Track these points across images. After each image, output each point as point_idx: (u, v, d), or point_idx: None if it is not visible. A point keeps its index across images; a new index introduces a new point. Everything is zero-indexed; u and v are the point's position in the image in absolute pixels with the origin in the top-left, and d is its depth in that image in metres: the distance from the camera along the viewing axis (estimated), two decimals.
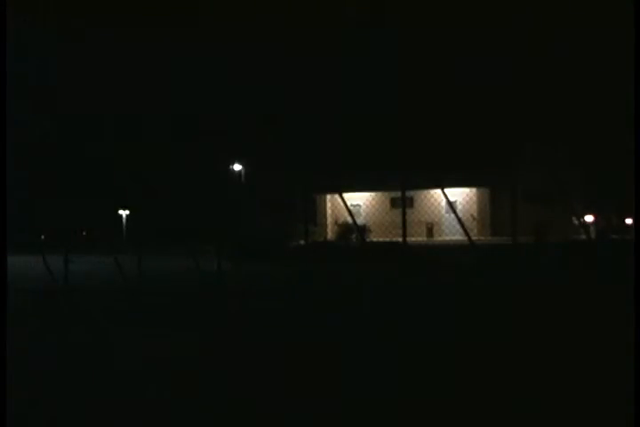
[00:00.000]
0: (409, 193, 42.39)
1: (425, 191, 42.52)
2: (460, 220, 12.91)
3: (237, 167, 46.22)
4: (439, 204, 43.56)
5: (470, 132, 40.66)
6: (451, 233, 36.15)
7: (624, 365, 6.33)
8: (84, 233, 49.48)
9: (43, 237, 49.42)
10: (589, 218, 43.76)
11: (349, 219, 37.90)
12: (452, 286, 13.88)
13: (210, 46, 47.10)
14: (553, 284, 13.77)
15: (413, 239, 29.10)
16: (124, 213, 55.07)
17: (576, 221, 43.29)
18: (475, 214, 42.14)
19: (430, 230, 39.72)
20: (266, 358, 7.39)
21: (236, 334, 8.94)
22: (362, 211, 44.72)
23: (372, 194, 44.42)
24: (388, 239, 22.57)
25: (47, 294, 13.56)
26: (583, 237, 38.16)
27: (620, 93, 33.34)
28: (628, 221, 39.78)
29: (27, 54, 43.00)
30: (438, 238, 40.67)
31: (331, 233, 43.03)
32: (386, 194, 41.67)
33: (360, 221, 37.52)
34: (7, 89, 10.16)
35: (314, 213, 45.74)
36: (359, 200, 45.46)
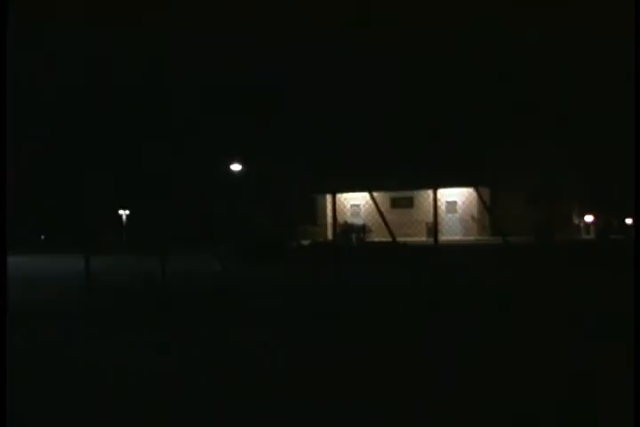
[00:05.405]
0: (409, 193, 42.29)
1: (425, 191, 42.49)
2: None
3: (237, 167, 46.15)
4: (439, 203, 43.45)
5: (470, 132, 40.64)
6: (448, 233, 36.09)
7: (624, 364, 6.33)
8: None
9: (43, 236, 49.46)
10: (589, 218, 43.74)
11: (349, 219, 37.95)
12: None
13: (209, 45, 47.08)
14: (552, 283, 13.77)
15: (413, 239, 29.04)
16: (123, 212, 55.03)
17: (576, 221, 43.39)
18: (474, 215, 42.12)
19: (430, 230, 39.67)
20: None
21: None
22: (362, 211, 44.69)
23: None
24: (387, 239, 22.44)
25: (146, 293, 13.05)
26: (584, 236, 38.06)
27: (621, 93, 33.34)
28: (628, 221, 39.76)
29: (25, 52, 42.98)
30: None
31: (330, 233, 42.95)
32: (386, 194, 41.68)
33: (360, 220, 37.55)
34: (7, 89, 10.13)
35: (314, 213, 45.67)
36: (359, 200, 45.43)
